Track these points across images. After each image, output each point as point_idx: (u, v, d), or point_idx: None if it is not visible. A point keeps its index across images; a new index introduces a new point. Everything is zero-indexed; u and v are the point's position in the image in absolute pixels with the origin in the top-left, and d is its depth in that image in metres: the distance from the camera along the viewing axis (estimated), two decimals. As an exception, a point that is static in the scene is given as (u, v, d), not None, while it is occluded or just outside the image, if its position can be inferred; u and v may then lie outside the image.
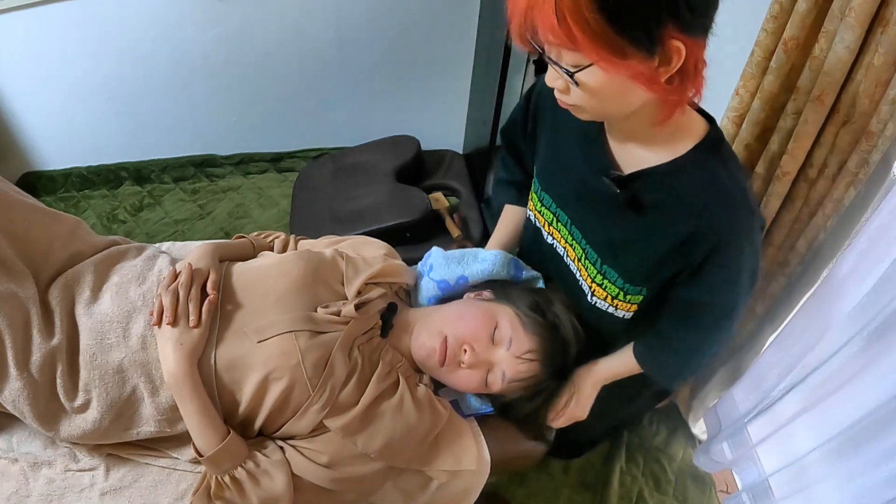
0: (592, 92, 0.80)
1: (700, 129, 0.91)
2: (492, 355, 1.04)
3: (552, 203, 1.10)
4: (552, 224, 1.11)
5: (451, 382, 1.07)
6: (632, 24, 0.71)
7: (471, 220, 2.19)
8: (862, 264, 1.07)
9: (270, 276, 1.06)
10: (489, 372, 1.04)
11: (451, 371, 1.04)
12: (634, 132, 0.92)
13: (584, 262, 1.06)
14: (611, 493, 1.63)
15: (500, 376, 1.03)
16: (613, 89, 0.79)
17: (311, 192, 2.25)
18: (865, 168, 1.04)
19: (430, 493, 1.09)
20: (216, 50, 2.11)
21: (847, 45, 0.97)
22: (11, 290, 0.94)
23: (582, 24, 0.70)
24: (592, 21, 0.70)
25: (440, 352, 1.02)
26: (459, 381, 1.05)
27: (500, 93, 1.94)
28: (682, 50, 0.73)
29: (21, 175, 2.35)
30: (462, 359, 1.03)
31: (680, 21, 0.71)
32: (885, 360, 1.05)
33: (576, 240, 1.06)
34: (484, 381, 1.04)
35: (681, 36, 0.72)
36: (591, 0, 0.69)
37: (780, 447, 1.37)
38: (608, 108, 0.84)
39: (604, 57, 0.73)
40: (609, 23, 0.70)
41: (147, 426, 1.00)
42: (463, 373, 1.04)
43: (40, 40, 1.99)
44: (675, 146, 0.90)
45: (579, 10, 0.69)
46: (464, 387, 1.06)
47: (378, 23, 2.14)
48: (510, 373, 1.03)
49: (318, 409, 0.96)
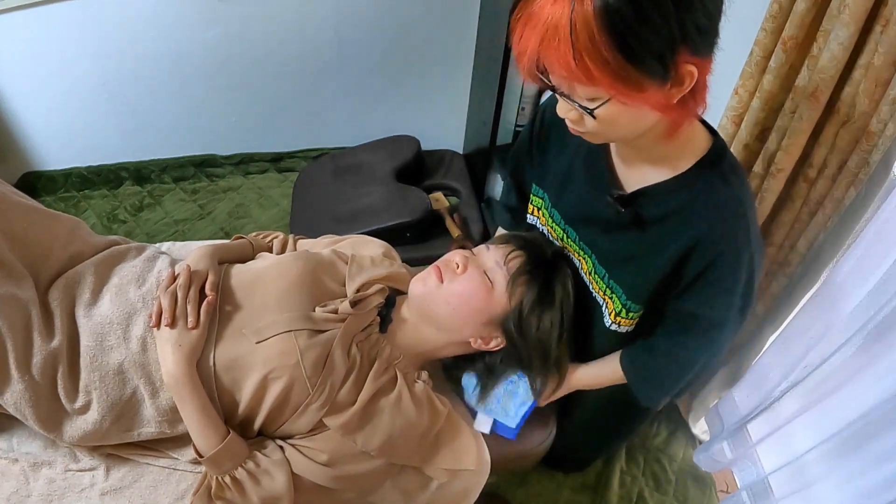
0: (608, 122, 0.80)
1: (703, 144, 0.90)
2: (480, 260, 1.07)
3: (561, 220, 1.11)
4: (563, 240, 1.12)
5: (457, 300, 1.05)
6: (648, 58, 0.70)
7: (471, 220, 2.19)
8: (862, 264, 1.06)
9: (269, 276, 1.06)
10: (486, 272, 1.05)
11: (451, 280, 1.04)
12: (640, 150, 0.92)
13: (594, 275, 1.06)
14: (611, 494, 1.63)
15: (497, 267, 1.05)
16: (628, 118, 0.79)
17: (311, 192, 2.25)
18: (865, 168, 1.04)
19: (430, 492, 1.09)
20: (216, 50, 2.11)
21: (841, 41, 0.97)
22: (11, 292, 0.94)
23: (601, 63, 0.69)
24: (611, 59, 0.69)
25: (436, 269, 1.06)
26: (464, 288, 1.04)
27: (500, 93, 1.94)
28: (694, 73, 0.73)
29: (21, 175, 2.35)
30: (456, 261, 1.06)
31: (692, 45, 0.71)
32: (884, 360, 1.05)
33: (586, 253, 1.07)
34: (487, 280, 1.04)
35: (692, 59, 0.73)
36: (609, 40, 0.68)
37: (779, 446, 1.37)
38: (621, 132, 0.84)
39: (622, 91, 0.73)
40: (627, 60, 0.69)
41: (148, 427, 1.00)
42: (464, 278, 1.04)
43: (40, 40, 1.99)
44: (678, 162, 0.90)
45: (598, 50, 0.68)
46: (472, 291, 1.04)
47: (378, 23, 2.14)
48: (502, 259, 1.05)
49: (318, 408, 0.97)
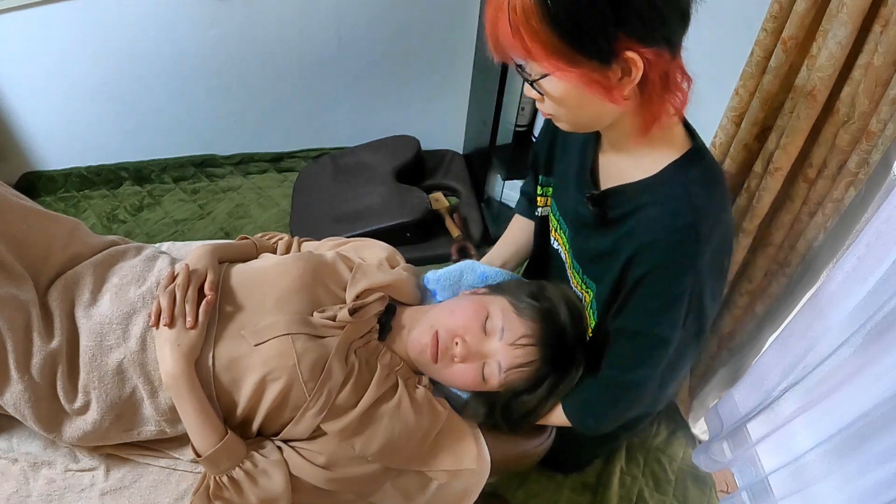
0: (557, 101, 0.83)
1: (681, 147, 0.89)
2: (485, 346, 1.00)
3: (557, 211, 1.12)
4: (557, 230, 1.13)
5: (447, 380, 1.06)
6: (579, 36, 0.73)
7: (471, 220, 2.19)
8: (862, 264, 1.06)
9: (269, 277, 1.06)
10: (485, 365, 1.00)
11: (445, 367, 1.02)
12: (618, 145, 0.93)
13: (572, 270, 1.08)
14: (611, 494, 1.63)
15: (497, 367, 0.99)
16: (575, 98, 0.81)
17: (311, 192, 2.25)
18: (865, 168, 1.04)
19: (430, 493, 1.09)
20: (216, 50, 2.11)
21: (839, 40, 0.96)
22: (11, 294, 0.94)
23: (532, 34, 0.73)
24: (542, 32, 0.73)
25: (432, 346, 1.00)
26: (456, 378, 1.03)
27: (500, 93, 1.94)
28: (637, 61, 0.74)
29: (21, 175, 2.35)
30: (454, 352, 1.00)
31: (633, 33, 0.73)
32: (884, 360, 1.05)
33: (569, 248, 1.08)
34: (481, 375, 1.00)
35: (637, 47, 0.74)
36: (539, 12, 0.72)
37: (779, 446, 1.37)
38: (579, 117, 0.86)
39: (555, 65, 0.76)
40: (557, 34, 0.73)
41: (147, 427, 1.00)
42: (458, 368, 1.01)
43: (40, 40, 1.99)
44: (652, 164, 0.89)
45: (529, 23, 0.73)
46: (461, 383, 1.04)
47: (378, 23, 2.14)
48: (506, 362, 0.99)
49: (315, 414, 0.96)
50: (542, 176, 1.19)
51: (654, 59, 0.75)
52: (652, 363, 0.95)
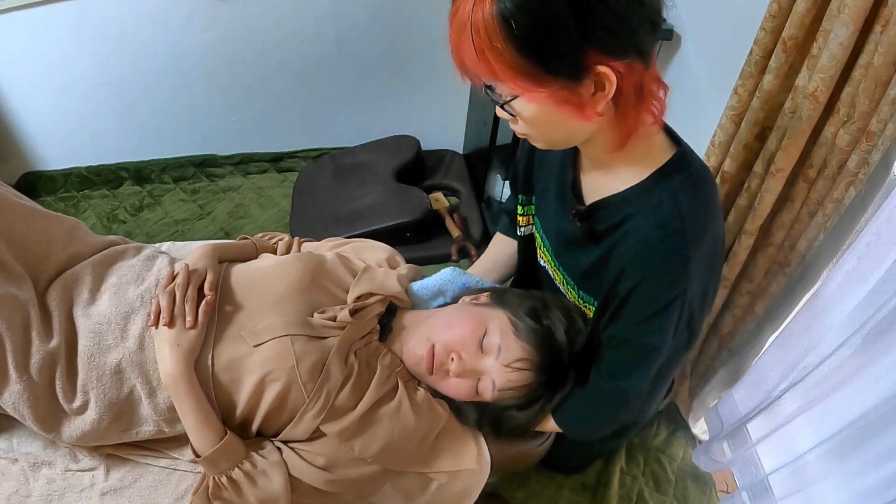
0: (529, 121, 0.80)
1: (664, 156, 0.87)
2: (480, 364, 0.99)
3: (541, 228, 1.11)
4: (541, 248, 1.12)
5: (441, 389, 1.05)
6: (545, 54, 0.70)
7: (471, 220, 2.19)
8: (862, 264, 1.06)
9: (269, 277, 1.06)
10: (479, 381, 1.00)
11: (440, 378, 1.02)
12: (597, 160, 0.91)
13: (567, 286, 1.06)
14: (611, 494, 1.63)
15: (490, 385, 0.99)
16: (546, 117, 0.79)
17: (311, 192, 2.25)
18: (865, 168, 1.04)
19: (430, 493, 1.09)
20: (216, 50, 2.11)
21: (841, 41, 0.96)
22: (11, 293, 0.94)
23: (497, 56, 0.71)
24: (506, 52, 0.71)
25: (427, 359, 1.00)
26: (450, 389, 1.03)
27: (500, 93, 1.94)
28: (610, 75, 0.72)
29: (21, 175, 2.35)
30: (449, 367, 1.00)
31: (601, 46, 0.70)
32: (884, 360, 1.05)
33: (556, 265, 1.07)
34: (474, 389, 1.01)
35: (607, 60, 0.71)
36: (503, 33, 0.69)
37: (779, 446, 1.36)
38: (553, 136, 0.84)
39: (523, 86, 0.74)
40: (522, 54, 0.70)
41: (146, 426, 1.00)
42: (453, 381, 1.01)
43: (40, 40, 1.99)
44: (637, 173, 0.88)
45: (493, 44, 0.70)
46: (454, 395, 1.04)
47: (378, 23, 2.14)
48: (500, 382, 0.99)
49: (314, 415, 0.96)
50: (521, 195, 1.17)
51: (626, 71, 0.73)
52: (642, 371, 0.95)
